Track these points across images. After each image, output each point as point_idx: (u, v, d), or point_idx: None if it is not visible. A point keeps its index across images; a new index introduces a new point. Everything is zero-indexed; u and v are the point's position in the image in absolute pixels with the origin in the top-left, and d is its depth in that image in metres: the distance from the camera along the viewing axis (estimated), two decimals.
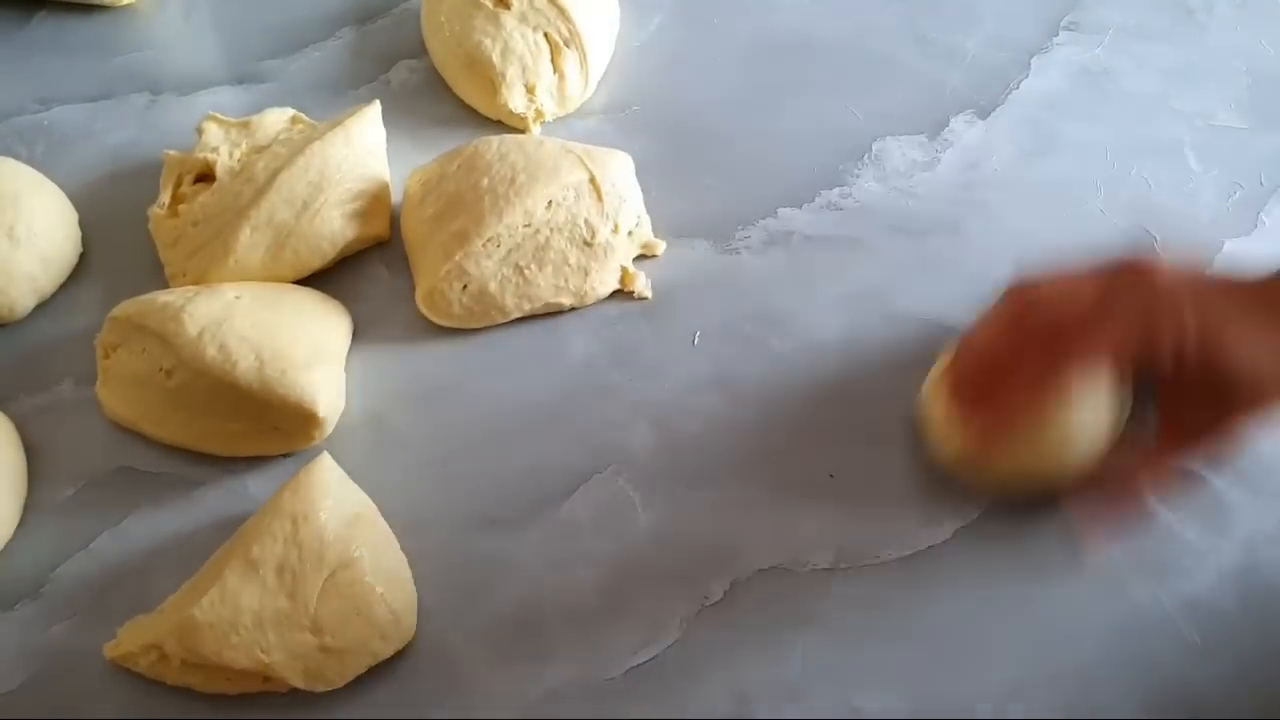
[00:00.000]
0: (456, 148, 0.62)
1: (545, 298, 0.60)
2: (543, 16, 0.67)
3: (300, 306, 0.59)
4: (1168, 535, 0.54)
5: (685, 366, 0.59)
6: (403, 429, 0.58)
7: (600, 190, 0.60)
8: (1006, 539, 0.54)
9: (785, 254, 0.63)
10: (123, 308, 0.57)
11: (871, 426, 0.57)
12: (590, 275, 0.60)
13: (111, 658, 0.51)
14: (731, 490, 0.56)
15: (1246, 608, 0.52)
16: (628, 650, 0.52)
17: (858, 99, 0.69)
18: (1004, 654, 0.51)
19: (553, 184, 0.59)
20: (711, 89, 0.70)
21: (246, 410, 0.55)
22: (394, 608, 0.51)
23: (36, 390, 0.59)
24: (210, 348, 0.54)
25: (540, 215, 0.59)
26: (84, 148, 0.68)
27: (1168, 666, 0.51)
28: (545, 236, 0.59)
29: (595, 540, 0.54)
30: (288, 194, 0.59)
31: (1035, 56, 0.71)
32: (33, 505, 0.56)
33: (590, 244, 0.60)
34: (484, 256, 0.59)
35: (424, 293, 0.59)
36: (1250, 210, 0.64)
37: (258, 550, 0.49)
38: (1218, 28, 0.72)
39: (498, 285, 0.59)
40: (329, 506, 0.51)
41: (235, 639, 0.48)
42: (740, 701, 0.50)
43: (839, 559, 0.54)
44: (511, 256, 0.59)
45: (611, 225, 0.60)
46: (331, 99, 0.69)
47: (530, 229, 0.59)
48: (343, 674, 0.50)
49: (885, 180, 0.66)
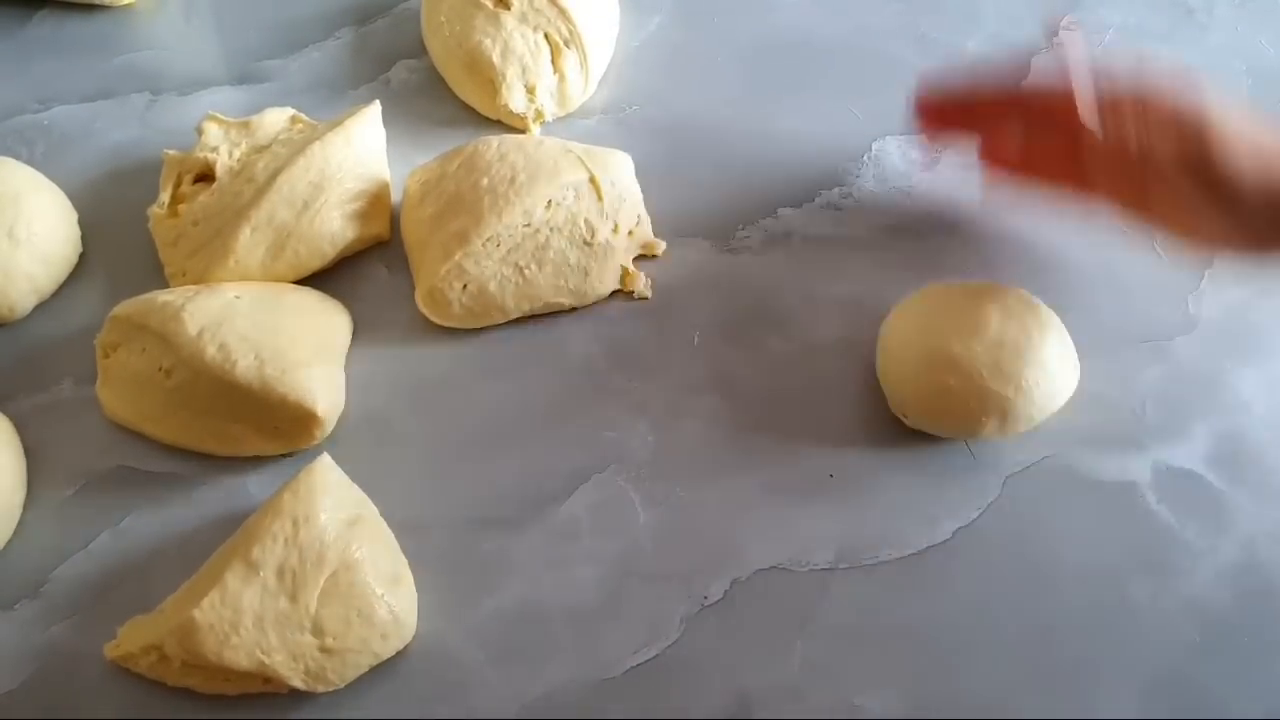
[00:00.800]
0: (456, 148, 0.62)
1: (545, 297, 0.60)
2: (543, 17, 0.67)
3: (300, 306, 0.59)
4: (1168, 535, 0.54)
5: (685, 366, 0.59)
6: (403, 429, 0.58)
7: (600, 190, 0.60)
8: (1006, 539, 0.54)
9: (785, 254, 0.63)
10: (123, 307, 0.57)
11: (871, 426, 0.57)
12: (590, 275, 0.60)
13: (111, 658, 0.51)
14: (731, 490, 0.56)
15: (1246, 608, 0.52)
16: (628, 650, 0.52)
17: (858, 99, 0.69)
18: (1004, 654, 0.51)
19: (553, 184, 0.59)
20: (711, 89, 0.70)
21: (246, 410, 0.55)
22: (394, 608, 0.51)
23: (36, 390, 0.59)
24: (210, 347, 0.54)
25: (540, 215, 0.59)
26: (84, 148, 0.68)
27: (1168, 666, 0.51)
28: (545, 236, 0.59)
29: (595, 540, 0.54)
30: (288, 194, 0.59)
31: (1035, 56, 0.70)
32: (33, 505, 0.56)
33: (590, 244, 0.60)
34: (484, 256, 0.59)
35: (424, 292, 0.60)
36: None
37: (258, 552, 0.49)
38: (1218, 28, 0.72)
39: (497, 286, 0.59)
40: (329, 508, 0.51)
41: (236, 640, 0.48)
42: (740, 701, 0.50)
43: (839, 559, 0.54)
44: (511, 256, 0.59)
45: (611, 225, 0.60)
46: (331, 99, 0.69)
47: (530, 229, 0.59)
48: (343, 675, 0.50)
49: (885, 180, 0.66)
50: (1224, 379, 0.59)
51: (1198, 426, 0.57)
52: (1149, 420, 0.57)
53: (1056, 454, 0.56)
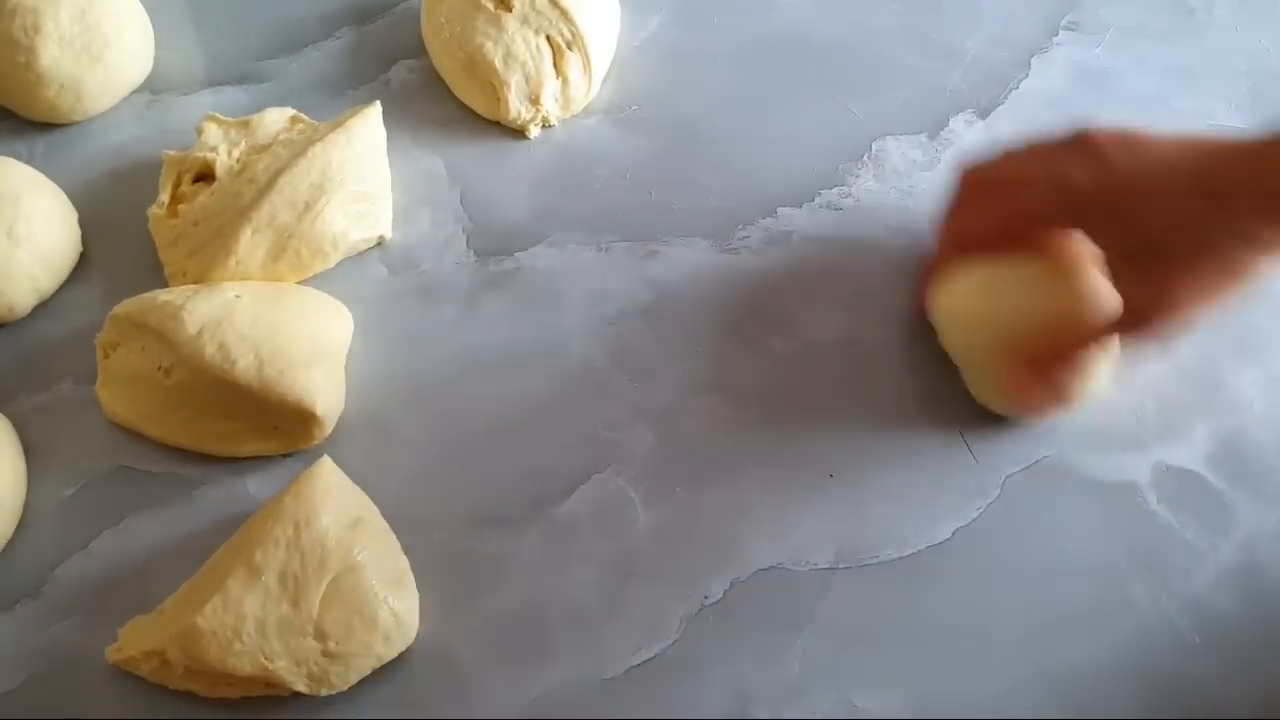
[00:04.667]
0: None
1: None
2: (545, 19, 0.67)
3: (300, 306, 0.59)
4: (1168, 535, 0.54)
5: (685, 366, 0.59)
6: (403, 429, 0.58)
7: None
8: (1006, 539, 0.54)
9: (785, 254, 0.63)
10: (123, 306, 0.57)
11: (871, 427, 0.57)
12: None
13: (113, 662, 0.51)
14: (731, 490, 0.56)
15: (1246, 608, 0.52)
16: (628, 650, 0.52)
17: (857, 99, 0.69)
18: (1004, 654, 0.51)
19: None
20: (711, 89, 0.70)
21: (245, 409, 0.55)
22: (396, 610, 0.51)
23: (36, 390, 0.59)
24: (209, 346, 0.54)
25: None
26: (84, 147, 0.68)
27: (1168, 666, 0.51)
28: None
29: (595, 540, 0.54)
30: (290, 195, 0.59)
31: (1035, 56, 0.71)
32: (33, 505, 0.56)
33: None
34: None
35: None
36: None
37: (260, 556, 0.49)
38: (1218, 28, 0.72)
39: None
40: (330, 511, 0.51)
41: (239, 646, 0.48)
42: (740, 701, 0.50)
43: (839, 559, 0.54)
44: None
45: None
46: (331, 99, 0.69)
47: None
48: (346, 678, 0.50)
49: (885, 180, 0.66)
50: (1224, 379, 0.59)
51: (1198, 426, 0.57)
52: (1149, 420, 0.57)
53: (1056, 454, 0.56)
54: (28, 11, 0.65)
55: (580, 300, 0.62)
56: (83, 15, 0.66)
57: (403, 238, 0.64)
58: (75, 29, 0.66)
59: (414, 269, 0.63)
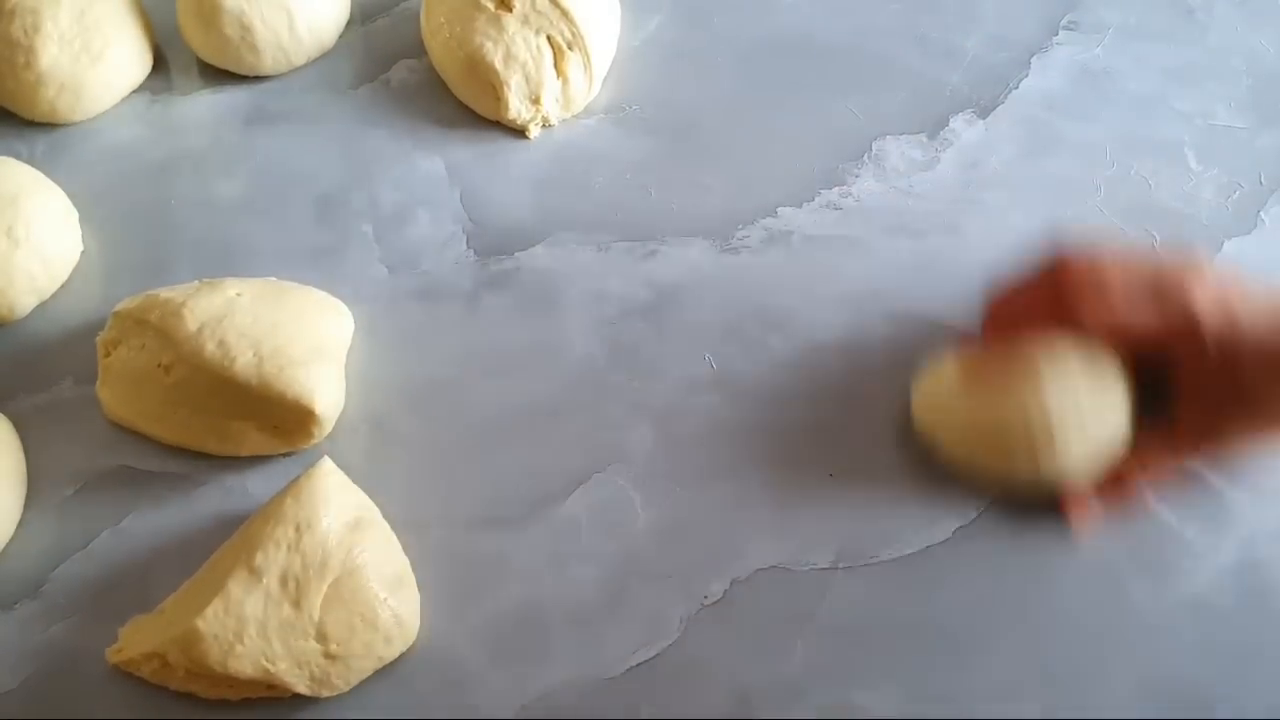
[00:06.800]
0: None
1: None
2: (545, 19, 0.67)
3: (300, 305, 0.59)
4: (1168, 535, 0.54)
5: (685, 366, 0.59)
6: (403, 429, 0.58)
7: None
8: (1006, 539, 0.54)
9: (785, 254, 0.63)
10: (126, 303, 0.58)
11: (871, 426, 0.57)
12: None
13: (114, 663, 0.51)
14: (731, 490, 0.56)
15: (1246, 607, 0.52)
16: (628, 650, 0.52)
17: (858, 99, 0.69)
18: (1004, 654, 0.51)
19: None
20: (711, 89, 0.70)
21: (245, 407, 0.55)
22: (397, 611, 0.51)
23: (36, 390, 0.59)
24: (209, 343, 0.54)
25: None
26: (84, 147, 0.68)
27: (1168, 666, 0.51)
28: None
29: (595, 540, 0.54)
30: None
31: (1035, 56, 0.71)
32: (33, 505, 0.56)
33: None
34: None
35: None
36: (1250, 210, 0.64)
37: (261, 559, 0.49)
38: (1218, 28, 0.72)
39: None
40: (331, 512, 0.51)
41: (240, 649, 0.48)
42: (740, 701, 0.50)
43: (839, 559, 0.54)
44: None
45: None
46: (331, 99, 0.69)
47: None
48: (347, 679, 0.50)
49: (885, 180, 0.66)
50: None
51: None
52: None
53: None
54: (27, 12, 0.65)
55: (580, 300, 0.62)
56: (82, 15, 0.66)
57: (403, 238, 0.64)
58: (75, 29, 0.66)
59: (414, 269, 0.63)
